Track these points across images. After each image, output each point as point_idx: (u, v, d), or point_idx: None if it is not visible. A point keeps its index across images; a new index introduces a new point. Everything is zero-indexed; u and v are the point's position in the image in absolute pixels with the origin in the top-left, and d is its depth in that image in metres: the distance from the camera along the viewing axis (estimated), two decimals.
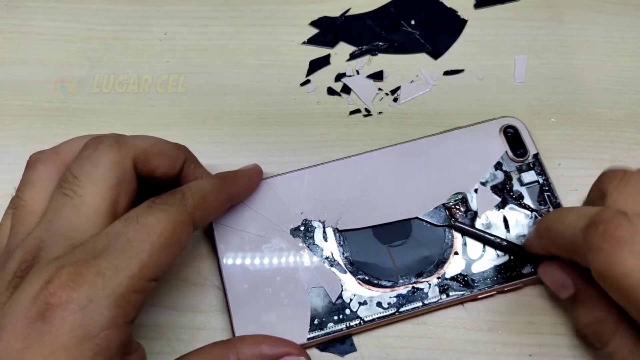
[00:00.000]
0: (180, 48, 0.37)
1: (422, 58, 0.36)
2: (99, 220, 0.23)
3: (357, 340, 0.29)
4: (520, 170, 0.31)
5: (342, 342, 0.29)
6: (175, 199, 0.23)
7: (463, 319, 0.29)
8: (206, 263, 0.30)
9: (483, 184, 0.31)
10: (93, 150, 0.24)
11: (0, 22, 0.38)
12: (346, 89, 0.35)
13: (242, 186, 0.29)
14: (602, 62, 0.36)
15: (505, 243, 0.29)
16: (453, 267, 0.29)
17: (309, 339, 0.28)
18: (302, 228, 0.30)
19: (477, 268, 0.29)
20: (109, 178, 0.23)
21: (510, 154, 0.31)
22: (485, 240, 0.29)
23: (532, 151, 0.31)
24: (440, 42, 0.36)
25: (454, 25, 0.37)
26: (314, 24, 0.37)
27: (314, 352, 0.28)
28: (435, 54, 0.36)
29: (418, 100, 0.35)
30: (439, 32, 0.37)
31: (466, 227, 0.30)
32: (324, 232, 0.30)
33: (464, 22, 0.37)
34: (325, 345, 0.29)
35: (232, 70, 0.36)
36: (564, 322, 0.29)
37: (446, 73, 0.36)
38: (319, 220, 0.30)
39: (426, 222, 0.30)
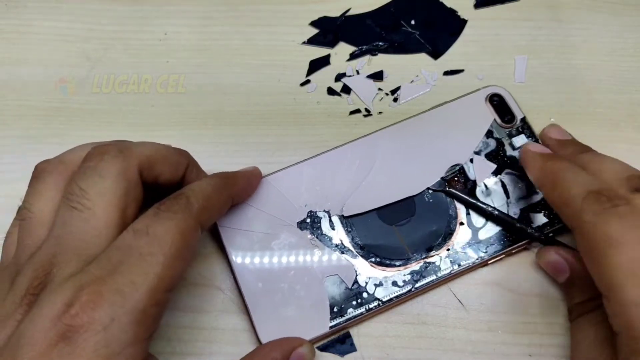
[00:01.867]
0: (180, 48, 0.37)
1: (422, 58, 0.36)
2: (109, 233, 0.23)
3: (357, 340, 0.29)
4: (510, 135, 0.32)
5: (342, 342, 0.29)
6: (180, 204, 0.23)
7: (463, 319, 0.29)
8: (206, 263, 0.30)
9: (477, 153, 0.31)
10: (98, 161, 0.24)
11: (0, 22, 0.38)
12: (346, 89, 0.35)
13: (243, 186, 0.29)
14: (602, 62, 0.36)
15: (496, 213, 0.30)
16: (460, 237, 0.30)
17: (331, 327, 0.28)
18: (308, 220, 0.30)
19: (483, 235, 0.30)
20: (116, 189, 0.23)
21: (499, 121, 0.32)
22: (476, 207, 0.30)
23: (519, 116, 0.32)
24: (440, 42, 0.36)
25: (454, 25, 0.37)
26: (314, 24, 0.37)
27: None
28: (435, 54, 0.36)
29: (418, 100, 0.35)
30: (439, 32, 0.37)
31: (458, 194, 0.30)
32: (330, 221, 0.30)
33: (464, 22, 0.37)
34: (325, 345, 0.29)
35: (232, 70, 0.36)
36: (564, 322, 0.29)
37: (446, 73, 0.36)
38: (324, 210, 0.30)
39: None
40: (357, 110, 0.35)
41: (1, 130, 0.34)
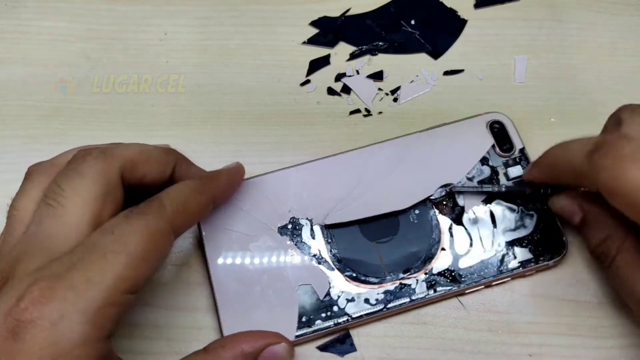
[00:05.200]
0: (180, 48, 0.37)
1: (422, 58, 0.36)
2: (80, 231, 0.22)
3: (357, 340, 0.29)
4: (506, 165, 0.31)
5: (342, 342, 0.29)
6: (152, 207, 0.23)
7: (463, 319, 0.29)
8: (205, 263, 0.30)
9: (470, 179, 0.31)
10: (80, 162, 0.24)
11: (0, 22, 0.38)
12: (346, 89, 0.35)
13: (224, 186, 0.28)
14: (602, 62, 0.36)
15: (504, 189, 0.30)
16: (440, 262, 0.29)
17: (297, 336, 0.28)
18: (289, 226, 0.30)
19: (464, 263, 0.29)
20: (93, 189, 0.23)
21: (497, 148, 0.31)
22: (486, 193, 0.30)
23: (518, 146, 0.32)
24: (440, 42, 0.36)
25: (454, 25, 0.37)
26: (314, 24, 0.37)
27: (314, 352, 0.29)
28: (435, 54, 0.36)
29: (418, 100, 0.35)
30: (439, 32, 0.37)
31: (465, 188, 0.30)
32: (312, 229, 0.30)
33: (464, 22, 0.37)
34: (325, 345, 0.29)
35: (232, 70, 0.36)
36: (564, 322, 0.29)
37: (446, 73, 0.36)
38: (307, 218, 0.30)
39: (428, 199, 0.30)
40: (357, 110, 0.35)
41: (1, 130, 0.34)
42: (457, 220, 0.30)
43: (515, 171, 0.31)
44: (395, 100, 0.35)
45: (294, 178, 0.31)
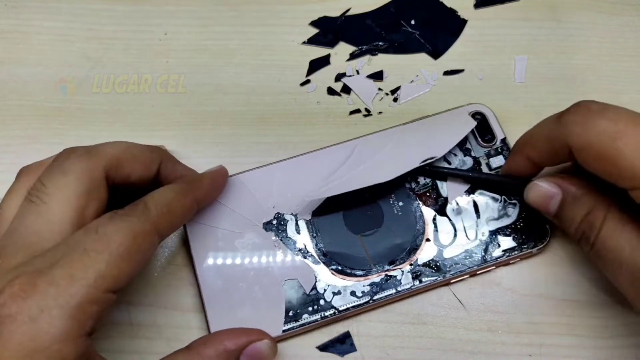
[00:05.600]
0: (180, 48, 0.37)
1: (422, 58, 0.36)
2: (62, 228, 0.22)
3: (357, 340, 0.29)
4: (488, 155, 0.32)
5: (342, 342, 0.29)
6: (137, 209, 0.23)
7: (463, 319, 0.29)
8: None
9: None
10: (64, 160, 0.24)
11: (0, 22, 0.38)
12: (346, 89, 0.35)
13: (208, 189, 0.29)
14: (602, 62, 0.36)
15: (484, 176, 0.30)
16: (425, 253, 0.29)
17: (284, 330, 0.28)
18: (274, 222, 0.30)
19: (448, 253, 0.29)
20: (76, 186, 0.23)
21: (479, 139, 0.32)
22: (467, 179, 0.31)
23: (499, 136, 0.32)
24: (440, 42, 0.36)
25: (454, 25, 0.37)
26: (314, 24, 0.37)
27: (314, 352, 0.29)
28: (435, 54, 0.36)
29: (418, 100, 0.35)
30: (439, 32, 0.37)
31: (446, 169, 0.31)
32: (297, 224, 0.30)
33: (464, 22, 0.37)
34: (325, 345, 0.29)
35: (232, 70, 0.36)
36: (564, 322, 0.29)
37: (446, 73, 0.36)
38: (291, 213, 0.30)
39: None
40: (357, 110, 0.35)
41: (1, 130, 0.34)
42: (441, 211, 0.30)
43: (497, 161, 0.31)
44: (395, 100, 0.35)
45: (278, 174, 0.31)
